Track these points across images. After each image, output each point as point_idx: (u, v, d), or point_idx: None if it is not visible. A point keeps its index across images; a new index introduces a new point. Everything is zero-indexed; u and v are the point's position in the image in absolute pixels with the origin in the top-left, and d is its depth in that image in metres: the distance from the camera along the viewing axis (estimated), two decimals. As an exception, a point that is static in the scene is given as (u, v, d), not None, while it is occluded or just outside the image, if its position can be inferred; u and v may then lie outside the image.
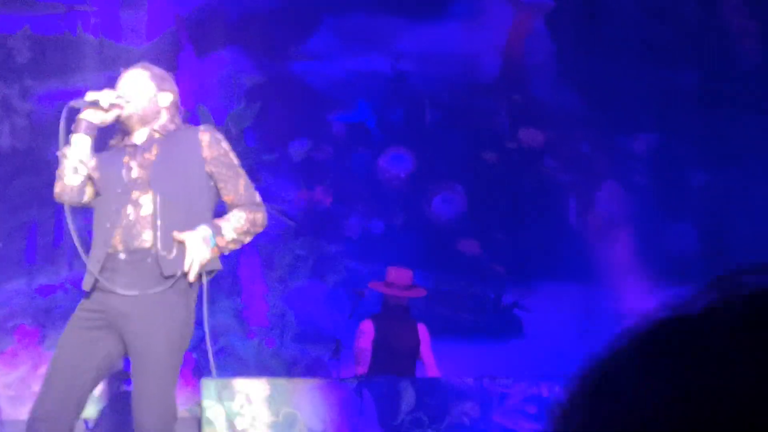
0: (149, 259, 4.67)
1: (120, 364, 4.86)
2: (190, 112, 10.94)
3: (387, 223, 11.08)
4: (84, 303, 4.76)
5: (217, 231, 4.70)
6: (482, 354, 10.57)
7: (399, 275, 9.11)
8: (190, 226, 4.68)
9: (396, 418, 7.88)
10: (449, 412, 7.95)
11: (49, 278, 9.95)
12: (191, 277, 4.62)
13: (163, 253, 4.62)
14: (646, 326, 0.94)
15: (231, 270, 10.71)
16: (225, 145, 4.93)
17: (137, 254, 4.68)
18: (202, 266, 4.65)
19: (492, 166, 11.27)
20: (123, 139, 4.93)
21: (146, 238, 4.68)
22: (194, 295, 4.77)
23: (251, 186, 4.94)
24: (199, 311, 4.81)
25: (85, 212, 5.17)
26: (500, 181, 11.23)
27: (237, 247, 4.81)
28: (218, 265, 4.80)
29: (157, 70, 5.05)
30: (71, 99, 4.95)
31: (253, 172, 10.80)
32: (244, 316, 10.67)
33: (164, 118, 4.96)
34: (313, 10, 11.30)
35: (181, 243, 4.61)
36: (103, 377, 4.78)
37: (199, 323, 10.46)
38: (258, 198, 4.93)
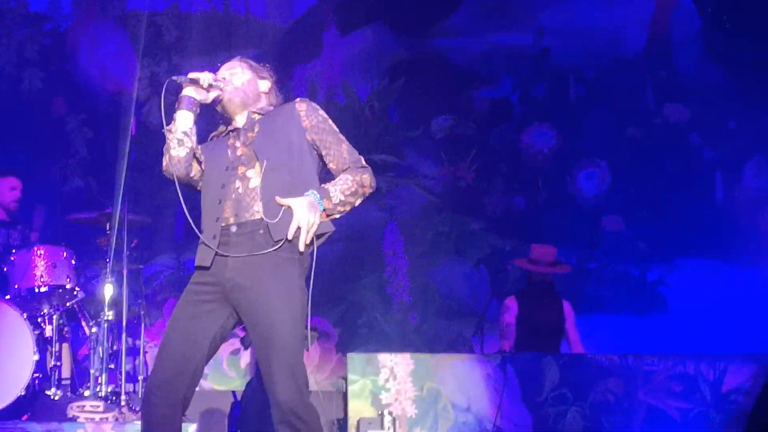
0: (261, 230, 4.73)
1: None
2: (335, 88, 11.04)
3: (529, 199, 11.04)
4: (197, 276, 4.82)
5: (324, 194, 4.72)
6: (626, 331, 10.48)
7: (543, 252, 9.07)
8: (296, 193, 4.75)
9: (540, 394, 7.87)
10: (593, 388, 7.91)
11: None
12: (306, 241, 4.65)
13: (269, 219, 4.67)
14: None
15: (375, 246, 10.79)
16: (322, 113, 4.98)
17: (248, 226, 4.74)
18: (311, 232, 4.67)
19: (636, 142, 11.14)
20: (225, 128, 5.03)
21: (257, 209, 4.75)
22: (307, 263, 4.80)
23: (354, 151, 4.95)
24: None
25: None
26: (645, 157, 11.10)
27: (347, 209, 4.79)
28: (330, 227, 4.81)
29: (254, 63, 5.16)
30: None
31: (396, 148, 10.88)
32: (387, 292, 10.73)
33: (263, 102, 5.07)
34: (455, -15, 11.31)
35: (288, 208, 4.65)
36: (217, 348, 4.84)
37: (341, 297, 10.56)
38: (363, 161, 4.93)
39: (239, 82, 4.97)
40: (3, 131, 10.73)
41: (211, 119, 5.14)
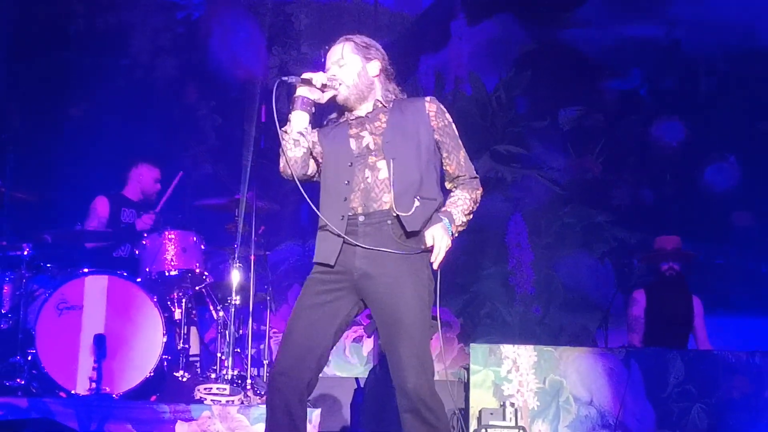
0: (389, 221, 4.78)
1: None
2: (462, 78, 11.04)
3: (657, 192, 10.93)
4: (322, 266, 4.87)
5: (451, 219, 4.81)
6: (754, 328, 10.32)
7: (667, 241, 9.00)
8: (424, 188, 4.81)
9: (664, 390, 7.79)
10: (719, 385, 7.80)
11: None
12: (436, 265, 4.72)
13: (401, 212, 4.71)
14: None
15: (499, 237, 10.77)
16: (449, 117, 5.02)
17: (376, 216, 4.79)
18: (444, 252, 4.75)
19: (767, 136, 10.96)
20: (344, 115, 5.04)
21: (386, 200, 4.79)
22: (430, 255, 4.83)
23: (469, 160, 5.03)
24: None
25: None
26: (776, 152, 10.93)
27: (464, 228, 4.89)
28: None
29: (359, 39, 5.09)
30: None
31: (522, 139, 10.85)
32: (510, 283, 10.72)
33: (379, 87, 5.03)
34: (585, -24, 11.23)
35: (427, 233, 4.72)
36: (340, 336, 4.89)
37: (464, 287, 10.56)
38: (474, 170, 5.00)
39: (351, 79, 4.93)
40: (137, 117, 10.94)
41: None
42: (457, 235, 4.84)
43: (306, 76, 4.87)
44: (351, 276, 4.77)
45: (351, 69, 4.96)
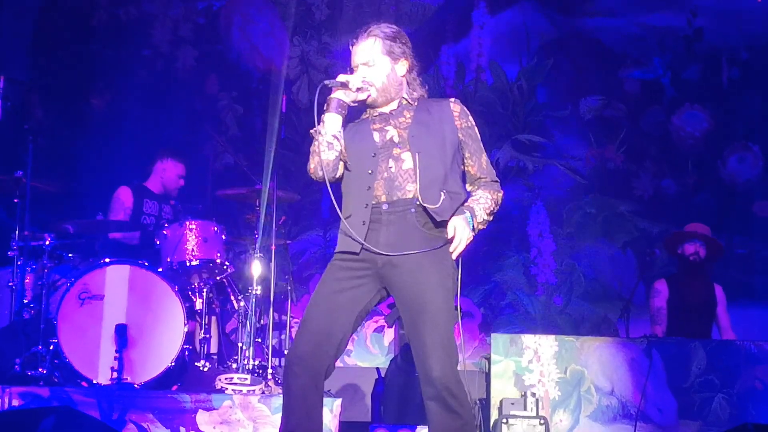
0: (412, 209, 4.82)
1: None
2: (483, 67, 11.02)
3: (679, 182, 10.88)
4: (345, 254, 4.91)
5: (474, 214, 4.86)
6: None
7: (697, 226, 8.97)
8: (449, 182, 4.87)
9: (686, 380, 7.77)
10: (741, 376, 7.78)
11: (343, 230, 10.21)
12: (454, 256, 4.77)
13: (428, 204, 4.75)
14: None
15: (520, 226, 10.76)
16: (472, 119, 5.09)
17: (400, 204, 4.83)
18: (465, 244, 4.80)
19: (790, 126, 10.92)
20: (366, 111, 5.10)
21: (409, 189, 4.83)
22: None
23: (491, 164, 5.10)
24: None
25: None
26: (799, 142, 10.88)
27: (484, 227, 4.90)
28: None
29: (384, 34, 5.08)
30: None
31: (544, 128, 10.83)
32: (532, 273, 10.70)
33: (405, 86, 5.09)
34: (607, -36, 11.19)
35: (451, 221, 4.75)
36: (360, 323, 4.93)
37: (485, 277, 10.54)
38: (495, 174, 5.09)
39: (380, 81, 4.98)
40: (158, 108, 10.96)
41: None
42: (476, 232, 4.85)
43: (342, 78, 4.90)
44: (375, 264, 4.81)
45: (380, 71, 5.01)
